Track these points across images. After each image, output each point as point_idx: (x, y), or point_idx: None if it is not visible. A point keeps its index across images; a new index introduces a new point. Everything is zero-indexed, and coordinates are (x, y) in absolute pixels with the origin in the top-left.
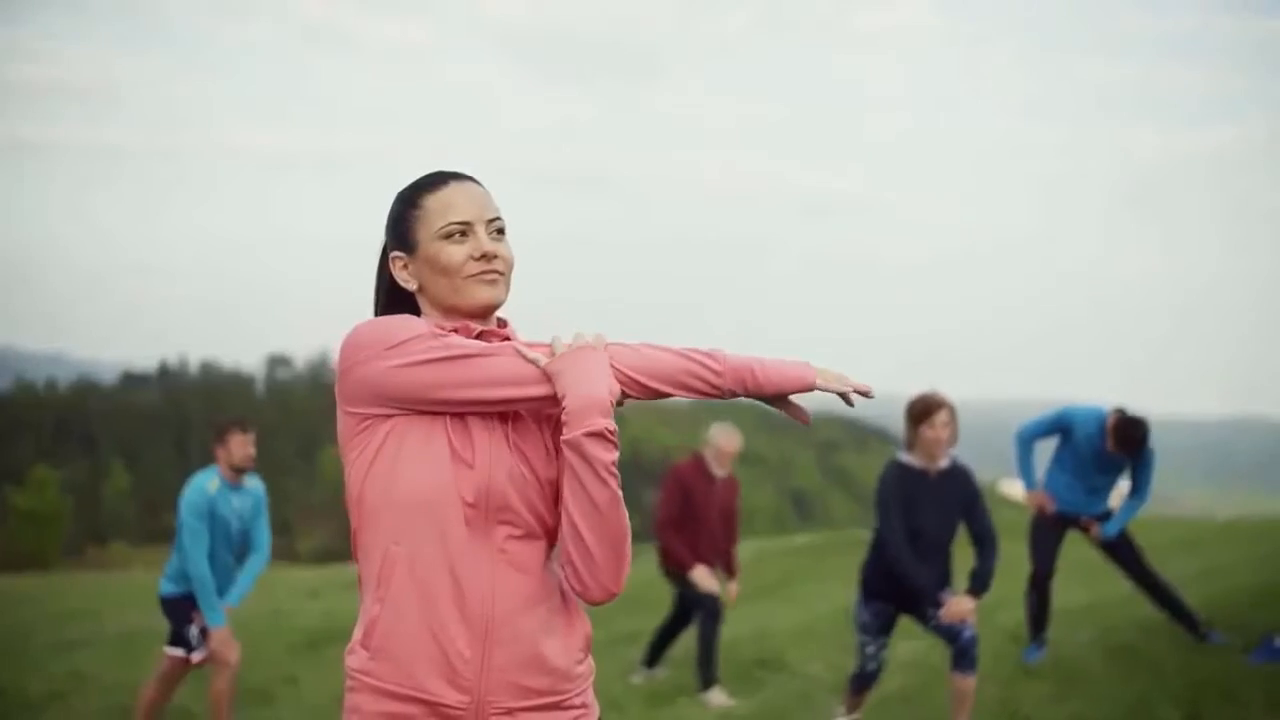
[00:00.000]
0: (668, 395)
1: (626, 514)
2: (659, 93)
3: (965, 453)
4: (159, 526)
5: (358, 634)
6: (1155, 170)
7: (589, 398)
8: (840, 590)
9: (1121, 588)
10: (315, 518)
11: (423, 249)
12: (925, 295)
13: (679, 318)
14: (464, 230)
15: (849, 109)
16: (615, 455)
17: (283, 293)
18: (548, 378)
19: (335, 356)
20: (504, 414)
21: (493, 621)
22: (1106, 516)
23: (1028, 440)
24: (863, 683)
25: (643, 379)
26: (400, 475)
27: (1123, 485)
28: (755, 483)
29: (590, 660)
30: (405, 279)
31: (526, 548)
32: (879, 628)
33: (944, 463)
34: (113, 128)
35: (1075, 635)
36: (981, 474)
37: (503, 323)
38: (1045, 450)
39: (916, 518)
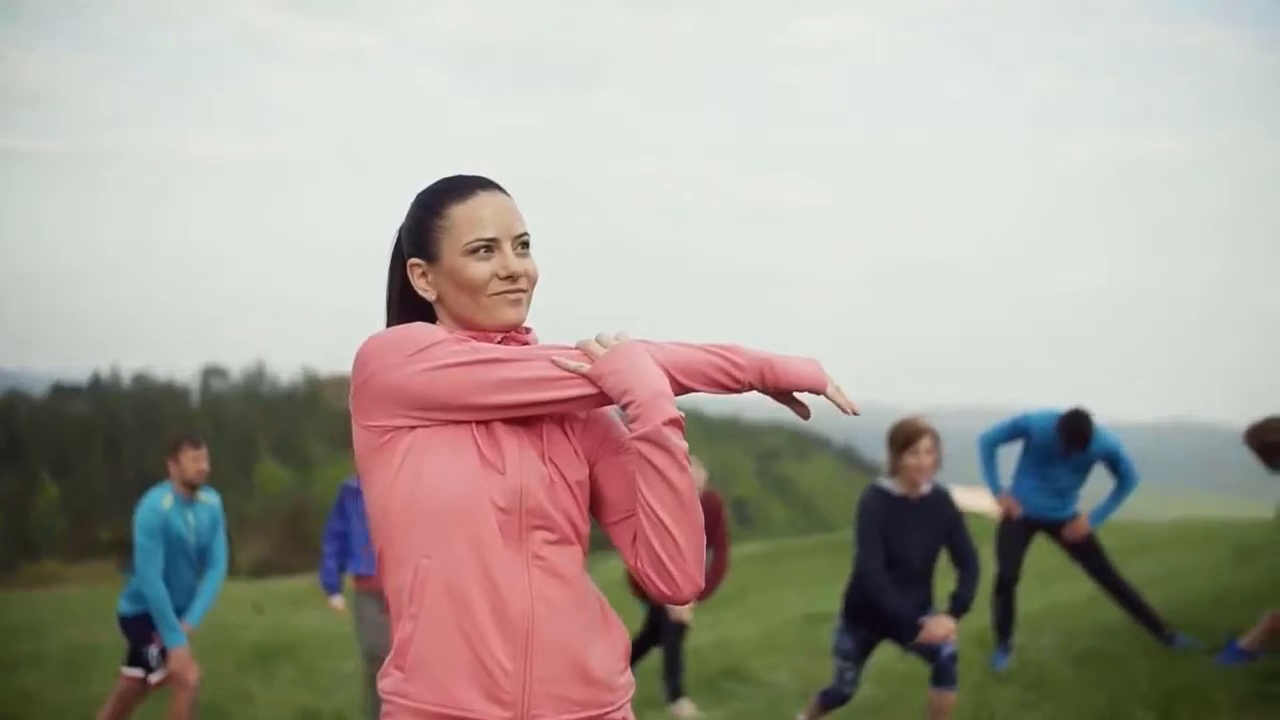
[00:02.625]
0: (693, 391)
1: None
2: (600, 101)
3: None
4: (92, 541)
5: (390, 655)
6: (1094, 179)
7: (656, 388)
8: (795, 598)
9: (1081, 592)
10: (253, 531)
11: (446, 261)
12: (866, 306)
13: (617, 327)
14: (490, 246)
15: (791, 119)
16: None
17: (219, 302)
18: (586, 379)
19: (271, 367)
20: (532, 419)
21: (533, 631)
22: (1070, 520)
23: (989, 447)
24: (835, 701)
25: (675, 374)
26: (428, 486)
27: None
28: None
29: (630, 673)
30: (424, 288)
31: (563, 553)
32: (860, 654)
33: (925, 488)
34: (47, 132)
35: (1038, 640)
36: None
37: (524, 329)
38: (1009, 456)
39: (899, 545)
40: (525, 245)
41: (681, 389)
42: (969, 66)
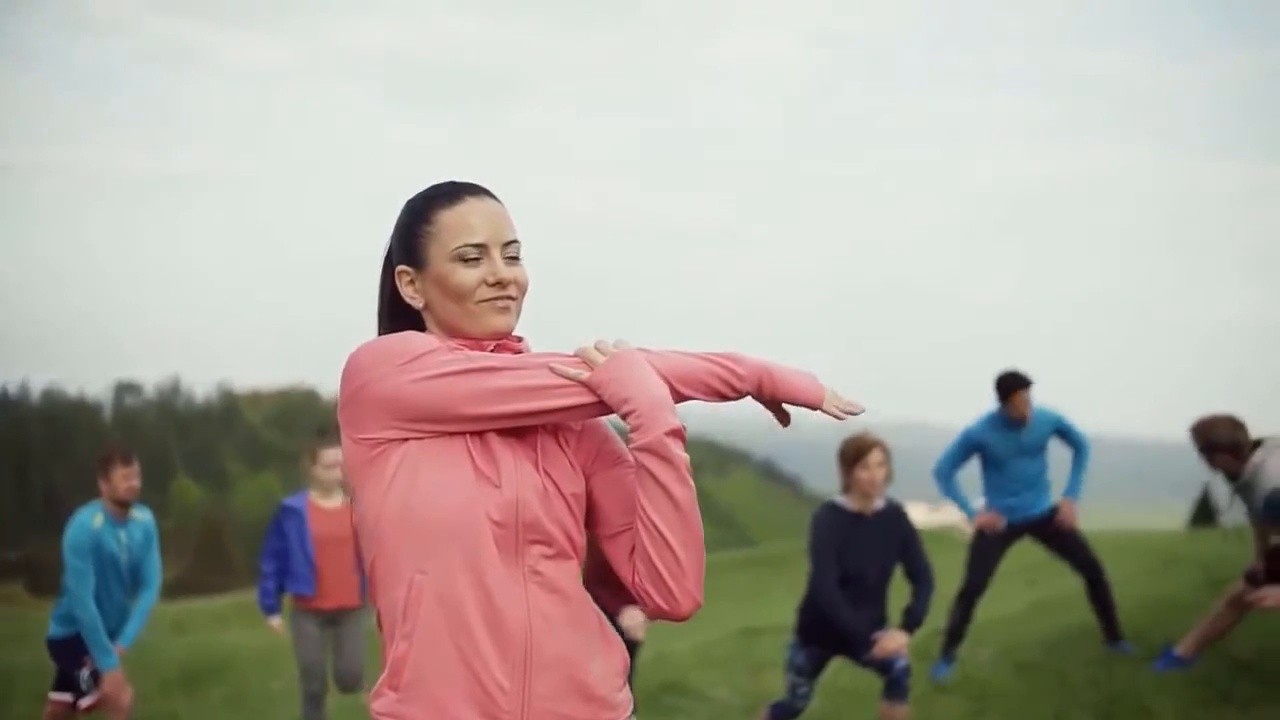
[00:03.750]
0: (692, 399)
1: None
2: (521, 116)
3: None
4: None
5: (383, 675)
6: (1002, 197)
7: (657, 398)
8: (730, 610)
9: (1016, 604)
10: (169, 550)
11: (433, 268)
12: (781, 322)
13: (535, 344)
14: (478, 253)
15: (708, 137)
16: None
17: (133, 318)
18: (584, 387)
19: (185, 382)
20: (526, 430)
21: (531, 647)
22: (1053, 513)
23: (946, 474)
24: (785, 714)
25: (675, 383)
26: (421, 499)
27: None
28: None
29: (629, 689)
30: (411, 295)
31: (559, 568)
32: (813, 670)
33: (879, 503)
34: None
35: (978, 652)
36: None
37: (516, 338)
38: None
39: (853, 561)
40: (515, 254)
41: (681, 398)
42: (882, 85)
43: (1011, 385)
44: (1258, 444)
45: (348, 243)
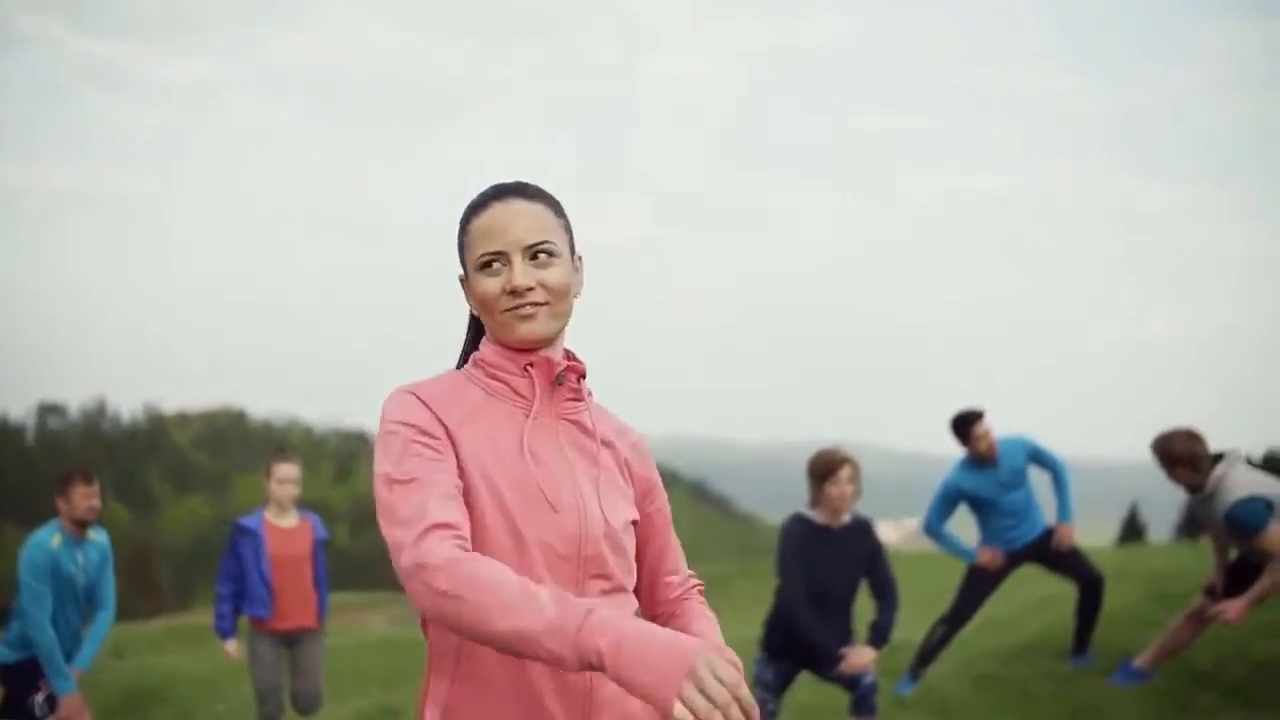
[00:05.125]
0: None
1: None
2: (448, 133)
3: (768, 497)
4: None
5: (430, 710)
6: (936, 215)
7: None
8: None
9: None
10: None
11: (469, 277)
12: (719, 345)
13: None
14: (498, 260)
15: (635, 156)
16: None
17: (57, 338)
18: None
19: (111, 404)
20: (590, 460)
21: (593, 689)
22: (1048, 535)
23: (936, 528)
24: None
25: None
26: (481, 530)
27: None
28: None
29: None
30: (469, 304)
31: (619, 604)
32: (781, 685)
33: (846, 518)
34: None
35: (937, 666)
36: (775, 514)
37: (574, 360)
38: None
39: (821, 574)
40: (545, 254)
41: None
42: (813, 105)
43: (965, 422)
44: (1218, 458)
45: (276, 262)
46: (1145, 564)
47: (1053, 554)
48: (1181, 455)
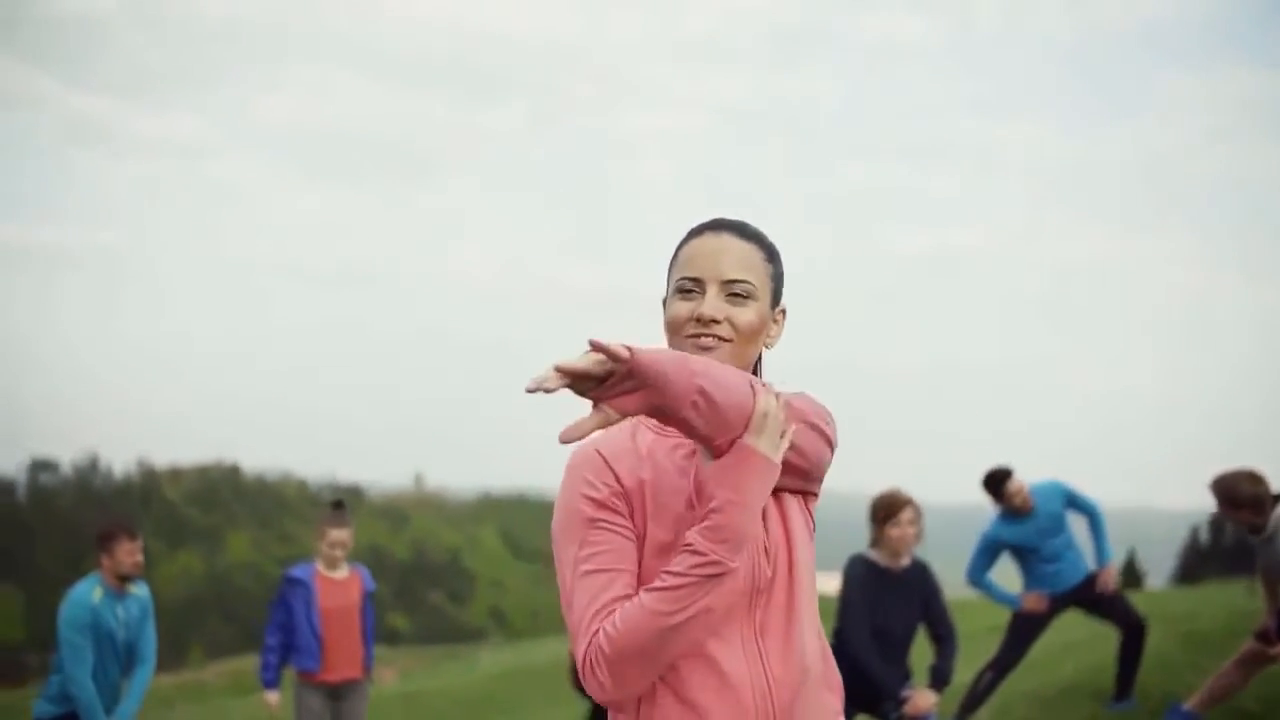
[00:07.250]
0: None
1: None
2: (431, 189)
3: None
4: None
5: None
6: (913, 266)
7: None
8: None
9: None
10: None
11: (667, 300)
12: None
13: (449, 411)
14: (694, 286)
15: (619, 209)
16: None
17: (48, 394)
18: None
19: (104, 459)
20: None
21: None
22: (1091, 580)
23: (979, 578)
24: None
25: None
26: (650, 567)
27: None
28: (546, 580)
29: None
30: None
31: (784, 623)
32: None
33: (905, 560)
34: None
35: (974, 715)
36: None
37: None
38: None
39: (882, 616)
40: (742, 294)
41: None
42: (794, 157)
43: (997, 481)
44: (1278, 498)
45: (266, 317)
46: (1165, 607)
47: (1095, 597)
48: (1246, 498)
